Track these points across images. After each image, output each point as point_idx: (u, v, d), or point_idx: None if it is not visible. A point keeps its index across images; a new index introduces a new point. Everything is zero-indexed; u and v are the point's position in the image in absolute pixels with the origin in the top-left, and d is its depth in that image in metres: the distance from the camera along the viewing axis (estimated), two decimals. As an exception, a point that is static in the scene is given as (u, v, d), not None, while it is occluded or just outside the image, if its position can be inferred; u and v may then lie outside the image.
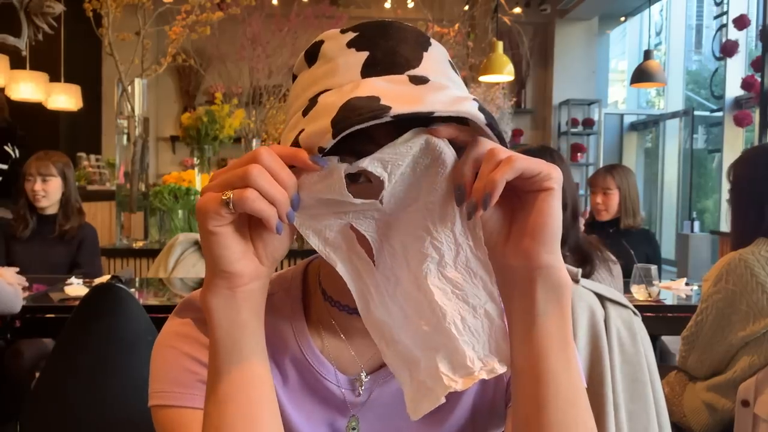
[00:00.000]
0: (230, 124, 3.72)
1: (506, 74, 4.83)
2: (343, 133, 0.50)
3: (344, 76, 0.57)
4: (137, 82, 3.78)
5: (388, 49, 0.57)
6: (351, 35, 0.59)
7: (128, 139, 3.79)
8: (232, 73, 4.38)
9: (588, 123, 8.30)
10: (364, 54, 0.57)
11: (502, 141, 0.56)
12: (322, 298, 0.68)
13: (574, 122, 8.26)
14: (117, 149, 3.86)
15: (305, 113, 0.56)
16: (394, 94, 0.52)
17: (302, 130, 0.54)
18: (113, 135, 3.96)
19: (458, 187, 0.53)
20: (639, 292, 2.40)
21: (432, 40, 0.61)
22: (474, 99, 0.54)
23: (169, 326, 0.68)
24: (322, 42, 0.62)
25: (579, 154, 8.22)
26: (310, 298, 0.70)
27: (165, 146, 8.22)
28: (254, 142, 4.18)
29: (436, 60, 0.59)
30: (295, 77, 0.65)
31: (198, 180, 3.73)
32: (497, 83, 5.20)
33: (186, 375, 0.64)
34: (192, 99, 8.04)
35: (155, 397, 0.64)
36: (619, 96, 9.65)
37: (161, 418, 0.64)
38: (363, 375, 0.68)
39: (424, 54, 0.58)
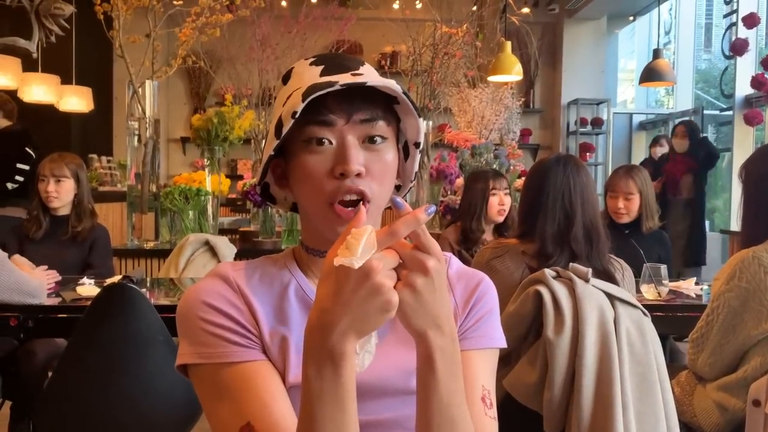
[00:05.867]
0: (240, 126, 3.72)
1: (515, 74, 4.81)
2: (309, 98, 0.76)
3: (309, 79, 0.83)
4: (148, 84, 3.80)
5: (337, 61, 0.86)
6: (312, 59, 0.87)
7: (139, 140, 3.80)
8: (242, 75, 4.38)
9: (597, 122, 8.26)
10: (321, 66, 0.85)
11: (416, 108, 0.84)
12: (306, 253, 0.89)
13: (582, 122, 8.22)
14: (128, 150, 3.88)
15: (284, 104, 0.82)
16: (342, 79, 0.79)
17: (280, 116, 0.80)
18: (124, 136, 3.97)
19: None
20: (649, 292, 2.39)
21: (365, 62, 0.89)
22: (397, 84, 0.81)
23: (196, 286, 0.83)
24: (292, 68, 0.89)
25: (588, 153, 8.17)
26: (302, 261, 0.90)
27: (175, 147, 8.25)
28: (264, 143, 4.18)
29: (370, 69, 0.87)
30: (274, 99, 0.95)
31: (208, 181, 3.74)
32: (506, 83, 5.18)
33: (209, 336, 0.79)
34: (202, 100, 8.07)
35: (182, 357, 0.81)
36: (628, 95, 9.59)
37: (195, 376, 0.80)
38: None
39: (362, 66, 0.86)
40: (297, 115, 0.78)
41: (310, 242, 0.88)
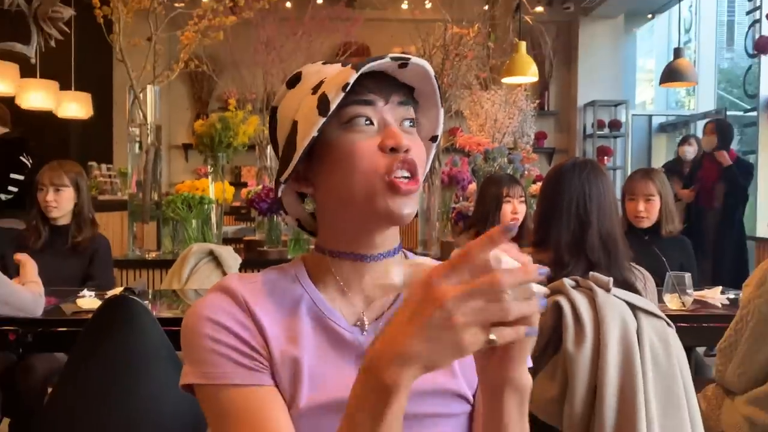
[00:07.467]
0: (244, 131, 3.74)
1: (530, 75, 4.80)
2: (364, 68, 0.76)
3: (334, 71, 0.81)
4: (149, 89, 3.82)
5: (354, 56, 0.80)
6: (322, 62, 0.86)
7: (140, 147, 3.82)
8: (246, 79, 4.41)
9: (615, 125, 8.23)
10: (337, 64, 0.84)
11: (441, 97, 0.85)
12: (326, 256, 0.85)
13: (599, 124, 8.19)
14: (129, 158, 3.90)
15: (315, 90, 0.80)
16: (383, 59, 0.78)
17: (323, 93, 0.77)
18: (125, 143, 4.00)
19: None
20: (672, 302, 2.37)
21: None
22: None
23: (202, 301, 0.81)
24: (300, 71, 0.85)
25: (605, 157, 8.14)
26: (314, 270, 0.86)
27: (178, 154, 8.30)
28: (269, 150, 4.19)
29: None
30: (275, 109, 0.88)
31: (212, 189, 3.75)
32: (519, 85, 5.18)
33: (215, 356, 0.77)
34: (205, 105, 8.11)
35: (186, 376, 0.78)
36: (647, 96, 9.56)
37: (200, 396, 0.78)
38: (365, 318, 0.84)
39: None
40: (348, 87, 0.76)
41: (332, 244, 0.85)
